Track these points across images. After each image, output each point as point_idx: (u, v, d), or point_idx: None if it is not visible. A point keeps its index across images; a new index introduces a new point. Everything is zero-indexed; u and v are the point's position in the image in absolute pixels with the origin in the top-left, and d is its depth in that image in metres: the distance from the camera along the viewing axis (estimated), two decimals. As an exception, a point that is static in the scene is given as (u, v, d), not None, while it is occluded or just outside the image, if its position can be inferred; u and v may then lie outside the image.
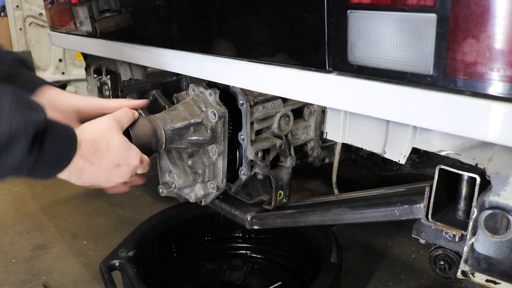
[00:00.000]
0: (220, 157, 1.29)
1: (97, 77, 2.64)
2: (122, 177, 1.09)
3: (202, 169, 1.28)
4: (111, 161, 1.04)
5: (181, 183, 1.30)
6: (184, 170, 1.30)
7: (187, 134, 1.25)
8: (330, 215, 1.40)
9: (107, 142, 1.04)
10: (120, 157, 1.06)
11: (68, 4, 2.10)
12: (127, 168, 1.08)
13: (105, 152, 1.03)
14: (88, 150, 1.00)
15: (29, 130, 0.82)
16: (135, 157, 1.09)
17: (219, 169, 1.31)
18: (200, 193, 1.33)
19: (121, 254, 1.69)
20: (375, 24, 0.90)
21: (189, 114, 1.24)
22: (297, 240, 2.05)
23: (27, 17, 4.26)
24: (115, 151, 1.05)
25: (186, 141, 1.25)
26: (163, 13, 1.49)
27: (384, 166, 2.30)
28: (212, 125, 1.23)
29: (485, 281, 0.94)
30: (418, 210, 1.12)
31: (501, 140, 0.78)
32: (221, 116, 1.24)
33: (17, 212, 2.86)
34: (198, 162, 1.28)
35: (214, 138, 1.25)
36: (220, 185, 1.33)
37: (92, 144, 1.01)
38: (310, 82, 1.06)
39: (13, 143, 0.81)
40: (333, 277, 1.54)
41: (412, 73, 0.87)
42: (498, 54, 0.75)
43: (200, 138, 1.25)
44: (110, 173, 1.06)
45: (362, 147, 1.19)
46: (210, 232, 2.17)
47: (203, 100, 1.26)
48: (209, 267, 2.09)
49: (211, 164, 1.27)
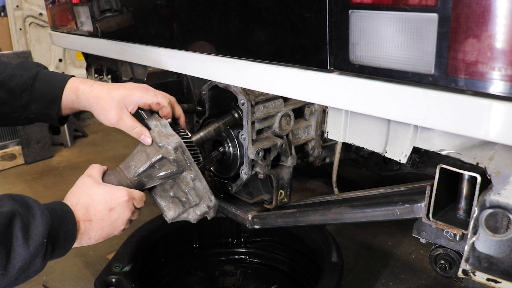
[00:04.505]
0: (196, 180, 1.27)
1: (98, 77, 2.64)
2: (124, 217, 1.16)
3: (184, 196, 1.28)
4: (103, 209, 1.12)
5: (171, 214, 1.30)
6: (172, 201, 1.30)
7: (155, 172, 1.25)
8: (331, 214, 1.40)
9: (90, 196, 1.13)
10: (108, 201, 1.13)
11: (69, 4, 2.10)
12: (121, 207, 1.15)
13: (93, 205, 1.12)
14: (81, 212, 1.09)
15: (44, 243, 0.96)
16: (122, 195, 1.16)
17: (201, 191, 1.29)
18: (197, 213, 1.32)
19: (115, 269, 1.63)
20: (377, 23, 0.90)
21: (150, 152, 1.24)
22: (290, 242, 2.02)
23: (27, 17, 4.26)
24: (100, 199, 1.13)
25: (157, 178, 1.26)
26: (164, 13, 1.49)
27: (384, 165, 2.30)
28: (172, 157, 1.22)
29: (486, 280, 0.94)
30: (419, 209, 1.12)
31: (502, 139, 0.79)
32: (176, 147, 1.22)
33: (18, 211, 2.86)
34: (179, 191, 1.28)
35: (181, 167, 1.24)
36: (211, 203, 1.31)
37: (81, 206, 1.10)
38: (312, 82, 1.06)
39: (35, 259, 0.96)
40: (338, 276, 1.54)
41: (414, 73, 0.87)
42: (499, 54, 0.75)
43: (168, 171, 1.24)
44: (109, 219, 1.13)
45: (363, 146, 1.19)
46: (198, 239, 2.12)
47: (159, 134, 1.24)
48: (201, 275, 2.05)
49: (191, 189, 1.27)
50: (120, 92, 1.23)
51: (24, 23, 4.27)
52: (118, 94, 1.23)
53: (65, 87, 1.27)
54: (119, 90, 1.24)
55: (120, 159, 3.70)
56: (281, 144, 1.54)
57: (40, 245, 0.95)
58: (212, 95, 1.64)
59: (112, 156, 3.85)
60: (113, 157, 3.78)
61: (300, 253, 1.98)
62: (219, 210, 1.78)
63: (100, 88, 1.25)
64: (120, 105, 1.23)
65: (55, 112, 1.29)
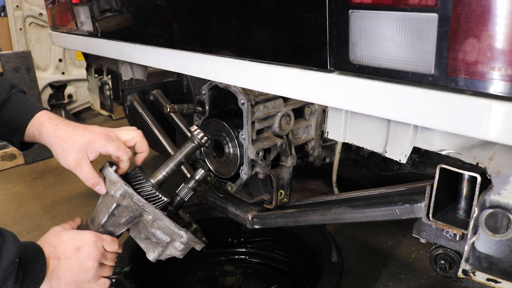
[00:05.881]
0: (157, 220, 1.26)
1: (98, 77, 2.64)
2: (92, 256, 1.18)
3: (154, 237, 1.28)
4: (70, 247, 1.15)
5: (152, 255, 1.32)
6: (149, 242, 1.31)
7: (117, 219, 1.26)
8: (331, 214, 1.40)
9: (58, 238, 1.17)
10: (75, 241, 1.17)
11: (69, 4, 2.10)
12: (88, 247, 1.17)
13: (61, 244, 1.16)
14: (49, 250, 1.13)
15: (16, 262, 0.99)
16: (89, 236, 1.19)
17: (168, 229, 1.27)
18: (178, 249, 1.31)
19: (116, 269, 1.60)
20: (377, 23, 0.90)
21: (108, 202, 1.26)
22: (290, 242, 2.01)
23: (27, 17, 4.26)
24: (67, 239, 1.17)
25: (122, 225, 1.27)
26: (165, 13, 1.49)
27: (384, 165, 2.30)
28: (123, 203, 1.23)
29: (486, 280, 0.94)
30: (419, 209, 1.12)
31: (502, 139, 0.79)
32: (121, 194, 1.22)
33: (17, 212, 2.86)
34: (148, 232, 1.28)
35: (136, 211, 1.25)
36: (183, 239, 1.28)
37: (49, 245, 1.14)
38: (312, 82, 1.06)
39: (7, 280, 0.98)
40: (338, 276, 1.53)
41: (414, 73, 0.87)
42: (499, 54, 0.75)
43: (127, 217, 1.26)
44: (78, 258, 1.15)
45: (363, 146, 1.19)
46: None
47: (109, 182, 1.25)
48: (201, 275, 2.04)
49: (156, 229, 1.27)
50: (84, 138, 1.23)
51: (24, 23, 4.27)
52: (81, 140, 1.23)
53: (30, 121, 1.28)
54: (83, 136, 1.23)
55: (120, 159, 3.53)
56: (281, 144, 1.54)
57: (12, 263, 0.98)
58: (212, 95, 1.64)
59: (112, 156, 3.84)
60: (113, 157, 3.79)
61: (300, 253, 1.97)
62: (219, 210, 1.78)
63: (64, 130, 1.25)
64: (82, 151, 1.22)
65: (17, 140, 1.31)
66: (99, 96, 2.72)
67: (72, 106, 4.62)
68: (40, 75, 4.22)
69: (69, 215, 2.79)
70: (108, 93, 2.60)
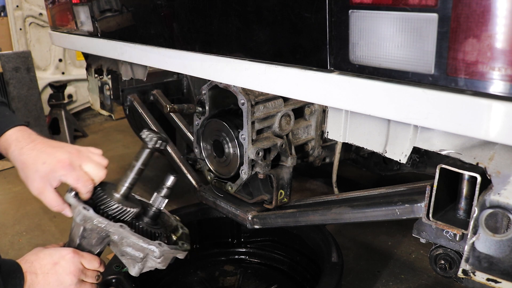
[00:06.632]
0: (125, 238, 1.25)
1: (98, 77, 2.64)
2: (70, 271, 1.18)
3: (128, 255, 1.28)
4: (47, 263, 1.16)
5: (133, 270, 1.32)
6: (126, 258, 1.31)
7: (89, 241, 1.27)
8: (331, 214, 1.40)
9: (36, 254, 1.18)
10: (52, 256, 1.18)
11: (69, 4, 2.10)
12: (66, 262, 1.18)
13: (38, 260, 1.17)
14: (26, 265, 1.14)
15: None
16: (67, 252, 1.20)
17: (138, 245, 1.25)
18: (157, 262, 1.30)
19: (115, 269, 1.61)
20: (377, 23, 0.90)
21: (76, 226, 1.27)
22: (290, 242, 2.01)
23: (27, 17, 4.27)
24: (45, 255, 1.18)
25: (95, 246, 1.28)
26: (165, 13, 1.49)
27: (384, 165, 2.30)
28: (88, 226, 1.23)
29: (486, 280, 0.94)
30: (419, 209, 1.12)
31: (502, 139, 0.79)
32: (82, 219, 1.22)
33: (17, 212, 2.86)
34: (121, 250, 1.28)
35: (101, 232, 1.24)
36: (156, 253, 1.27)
37: (26, 261, 1.15)
38: (312, 82, 1.06)
39: None
40: (338, 276, 1.53)
41: (414, 73, 0.87)
42: (499, 54, 0.75)
43: (96, 238, 1.26)
44: (55, 273, 1.16)
45: (363, 146, 1.19)
46: (198, 239, 2.09)
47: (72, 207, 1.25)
48: (201, 275, 2.04)
49: (127, 247, 1.27)
50: (45, 167, 1.21)
51: (24, 23, 4.28)
52: (42, 168, 1.21)
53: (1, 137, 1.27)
54: (44, 165, 1.21)
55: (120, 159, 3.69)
56: (281, 144, 1.54)
57: None
58: (212, 95, 1.64)
59: (112, 156, 3.84)
60: (113, 157, 3.78)
61: (300, 253, 1.97)
62: (219, 210, 1.78)
63: (27, 155, 1.23)
64: (43, 180, 1.21)
65: None
66: (99, 96, 2.72)
67: (72, 106, 4.62)
68: (40, 75, 4.22)
69: (69, 215, 2.79)
70: (108, 93, 2.60)
